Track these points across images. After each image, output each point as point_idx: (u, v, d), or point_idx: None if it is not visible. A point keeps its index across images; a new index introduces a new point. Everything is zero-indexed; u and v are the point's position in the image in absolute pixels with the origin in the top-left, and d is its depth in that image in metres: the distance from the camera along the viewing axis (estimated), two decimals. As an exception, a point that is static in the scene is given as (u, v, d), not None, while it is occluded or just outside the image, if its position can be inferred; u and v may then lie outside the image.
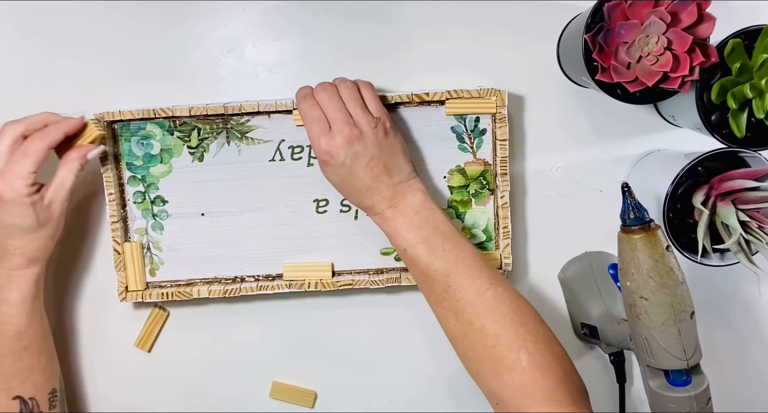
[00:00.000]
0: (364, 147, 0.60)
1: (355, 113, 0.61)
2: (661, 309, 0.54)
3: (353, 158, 0.60)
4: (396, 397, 0.75)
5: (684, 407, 0.56)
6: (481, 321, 0.58)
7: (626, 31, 0.58)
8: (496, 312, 0.58)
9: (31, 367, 0.62)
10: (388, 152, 0.61)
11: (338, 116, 0.60)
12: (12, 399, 0.61)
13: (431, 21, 0.69)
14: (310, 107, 0.61)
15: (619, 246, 0.56)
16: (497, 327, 0.58)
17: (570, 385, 0.57)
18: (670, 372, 0.56)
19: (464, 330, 0.59)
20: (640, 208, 0.54)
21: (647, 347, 0.56)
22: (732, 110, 0.60)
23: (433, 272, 0.60)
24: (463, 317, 0.59)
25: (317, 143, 0.60)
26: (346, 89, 0.62)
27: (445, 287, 0.60)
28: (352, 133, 0.60)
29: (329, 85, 0.62)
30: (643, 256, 0.54)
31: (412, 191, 0.62)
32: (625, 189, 0.55)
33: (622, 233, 0.55)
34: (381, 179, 0.61)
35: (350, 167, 0.60)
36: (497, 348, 0.57)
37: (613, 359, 0.72)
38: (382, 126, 0.61)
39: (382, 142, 0.61)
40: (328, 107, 0.61)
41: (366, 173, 0.60)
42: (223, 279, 0.70)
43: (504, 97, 0.66)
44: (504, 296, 0.59)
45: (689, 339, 0.55)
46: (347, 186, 0.62)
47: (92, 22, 0.68)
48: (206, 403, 0.74)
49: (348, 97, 0.62)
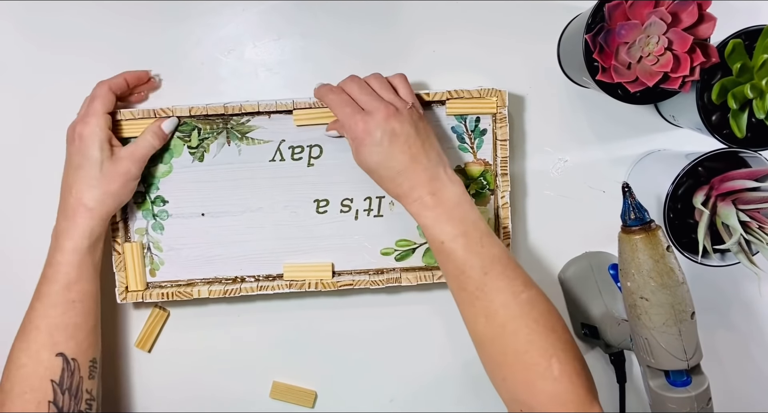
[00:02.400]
0: (401, 124, 0.58)
1: (387, 97, 0.60)
2: (662, 310, 0.54)
3: (391, 135, 0.58)
4: (396, 397, 0.75)
5: (684, 407, 0.56)
6: (515, 324, 0.56)
7: (627, 32, 0.58)
8: (529, 316, 0.56)
9: (77, 324, 0.62)
10: (424, 133, 0.60)
11: (370, 98, 0.60)
12: (56, 355, 0.60)
13: (431, 21, 0.69)
14: (338, 94, 0.61)
15: (620, 247, 0.56)
16: (530, 332, 0.56)
17: (594, 392, 0.56)
18: (671, 372, 0.56)
19: (495, 333, 0.57)
20: (641, 208, 0.54)
21: (648, 347, 0.56)
22: (732, 111, 0.60)
23: (469, 268, 0.58)
24: (496, 319, 0.57)
25: (352, 122, 0.59)
26: (375, 80, 0.62)
27: (480, 285, 0.57)
28: (388, 109, 0.58)
29: (357, 78, 0.62)
30: (644, 256, 0.54)
31: (451, 181, 0.60)
32: (625, 189, 0.55)
33: (622, 233, 0.55)
34: (419, 160, 0.59)
35: (388, 146, 0.58)
36: (530, 354, 0.56)
37: (613, 359, 0.72)
38: (416, 110, 0.61)
39: (418, 123, 0.60)
40: (359, 94, 0.60)
41: (404, 151, 0.58)
42: (224, 279, 0.70)
43: (504, 98, 0.66)
44: (537, 300, 0.58)
45: (690, 339, 0.55)
46: (383, 168, 0.59)
47: (92, 22, 0.68)
48: (206, 403, 0.74)
49: (378, 87, 0.61)
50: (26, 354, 0.60)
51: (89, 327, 0.63)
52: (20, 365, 0.60)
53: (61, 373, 0.60)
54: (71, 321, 0.61)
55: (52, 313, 0.61)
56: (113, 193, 0.62)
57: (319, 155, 0.68)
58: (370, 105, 0.59)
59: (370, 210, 0.69)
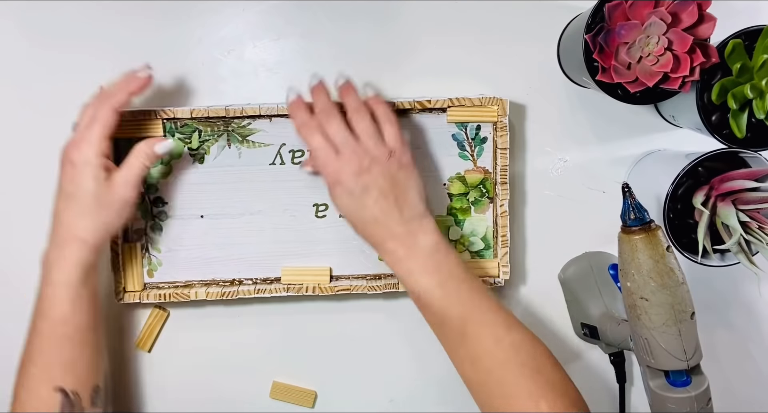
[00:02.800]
0: (375, 178, 0.58)
1: (367, 145, 0.59)
2: (662, 310, 0.54)
3: (363, 188, 0.58)
4: (396, 397, 0.75)
5: (684, 407, 0.56)
6: (500, 371, 0.56)
7: (627, 32, 0.58)
8: (515, 361, 0.56)
9: (74, 358, 0.59)
10: (401, 186, 0.59)
11: (347, 144, 0.58)
12: (54, 390, 0.58)
13: (431, 21, 0.69)
14: (312, 134, 0.59)
15: (620, 247, 0.56)
16: (516, 376, 0.55)
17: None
18: (671, 372, 0.56)
19: (481, 379, 0.57)
20: (641, 208, 0.54)
21: (647, 347, 0.56)
22: (732, 111, 0.60)
23: (448, 319, 0.58)
24: (481, 365, 0.57)
25: (325, 170, 0.59)
26: (360, 122, 0.59)
27: (461, 333, 0.57)
28: (361, 163, 0.57)
29: (334, 113, 0.60)
30: (644, 257, 0.54)
31: (424, 231, 0.59)
32: (625, 189, 0.55)
33: (622, 233, 0.55)
34: (392, 214, 0.58)
35: (359, 197, 0.58)
36: (517, 398, 0.55)
37: (613, 359, 0.72)
38: (397, 160, 0.59)
39: (395, 174, 0.59)
40: (335, 137, 0.59)
41: (376, 204, 0.58)
42: (221, 282, 0.70)
43: (505, 106, 0.66)
44: (521, 344, 0.57)
45: (689, 339, 0.55)
46: (353, 217, 0.60)
47: (92, 22, 0.68)
48: (206, 403, 0.74)
49: (361, 130, 0.59)
50: (25, 391, 0.59)
51: (87, 357, 0.61)
52: (21, 402, 0.59)
53: (61, 408, 0.58)
54: (68, 355, 0.59)
55: (47, 348, 0.59)
56: (107, 222, 0.60)
57: (320, 157, 0.68)
58: (345, 154, 0.58)
59: (369, 215, 0.69)
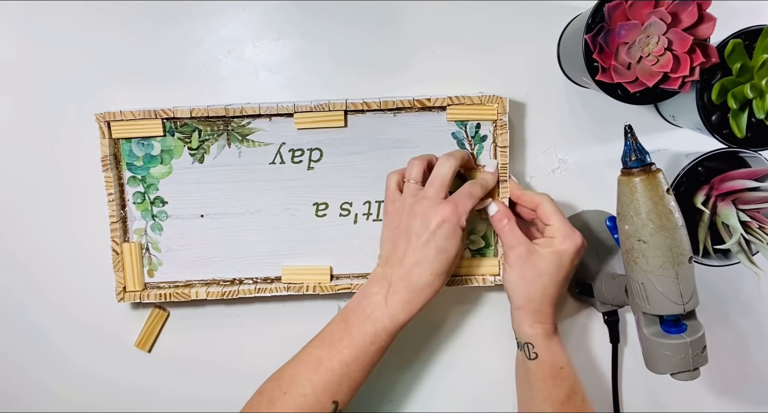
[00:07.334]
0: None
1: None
2: (659, 252, 0.53)
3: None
4: (396, 397, 0.75)
5: (679, 353, 0.55)
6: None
7: (627, 32, 0.58)
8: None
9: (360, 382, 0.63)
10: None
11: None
12: (331, 402, 0.61)
13: (431, 20, 0.69)
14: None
15: (619, 189, 0.55)
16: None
17: None
18: (666, 318, 0.56)
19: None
20: (642, 150, 0.54)
21: (643, 292, 0.55)
22: (732, 111, 0.60)
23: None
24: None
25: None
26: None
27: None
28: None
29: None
30: (643, 198, 0.53)
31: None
32: (627, 131, 0.54)
33: (622, 176, 0.54)
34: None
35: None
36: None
37: (607, 318, 0.72)
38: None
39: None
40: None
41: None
42: (222, 281, 0.70)
43: (505, 105, 0.66)
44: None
45: (686, 283, 0.54)
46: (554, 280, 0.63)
47: (92, 23, 0.68)
48: (206, 403, 0.74)
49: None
50: (311, 387, 0.61)
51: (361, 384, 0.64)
52: (300, 393, 0.61)
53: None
54: (360, 377, 0.62)
55: (353, 366, 0.61)
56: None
57: (319, 158, 0.68)
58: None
59: (369, 214, 0.69)
